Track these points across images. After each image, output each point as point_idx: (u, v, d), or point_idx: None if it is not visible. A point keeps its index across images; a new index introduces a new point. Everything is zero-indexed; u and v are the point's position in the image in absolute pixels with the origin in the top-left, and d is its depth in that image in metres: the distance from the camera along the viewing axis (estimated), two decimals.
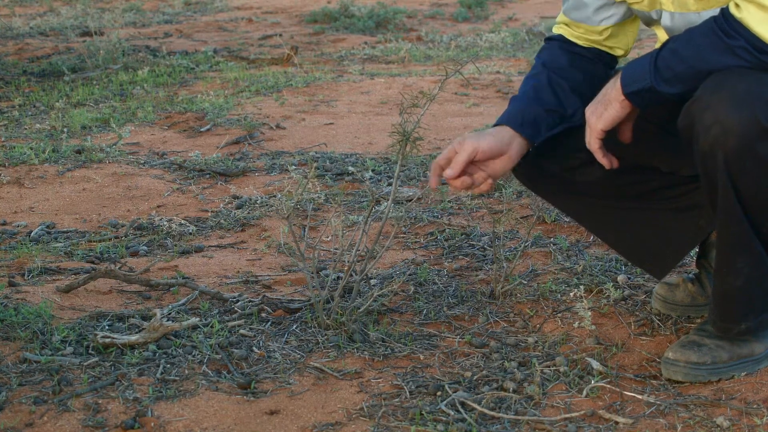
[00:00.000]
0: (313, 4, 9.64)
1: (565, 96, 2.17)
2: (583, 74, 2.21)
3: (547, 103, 2.16)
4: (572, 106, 2.17)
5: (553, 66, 2.20)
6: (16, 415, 1.94)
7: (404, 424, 1.91)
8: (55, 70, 6.08)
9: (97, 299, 2.56)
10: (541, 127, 2.15)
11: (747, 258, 1.96)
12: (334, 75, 5.87)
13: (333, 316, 2.33)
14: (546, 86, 2.18)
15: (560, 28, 2.26)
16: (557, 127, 2.17)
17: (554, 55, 2.23)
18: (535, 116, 2.14)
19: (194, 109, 4.88)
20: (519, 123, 2.13)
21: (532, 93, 2.18)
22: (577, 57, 2.22)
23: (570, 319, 2.38)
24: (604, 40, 2.21)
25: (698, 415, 1.93)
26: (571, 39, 2.23)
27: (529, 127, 2.13)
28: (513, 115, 2.15)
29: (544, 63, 2.22)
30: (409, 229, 3.12)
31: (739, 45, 1.85)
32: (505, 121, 2.14)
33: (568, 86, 2.18)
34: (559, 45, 2.24)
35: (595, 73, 2.21)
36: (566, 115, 2.17)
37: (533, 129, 2.14)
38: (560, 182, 2.25)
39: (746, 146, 1.85)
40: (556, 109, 2.16)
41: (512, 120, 2.14)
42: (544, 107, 2.16)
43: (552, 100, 2.17)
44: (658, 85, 1.91)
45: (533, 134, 2.14)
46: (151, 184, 3.67)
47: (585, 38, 2.22)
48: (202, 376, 2.11)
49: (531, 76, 2.23)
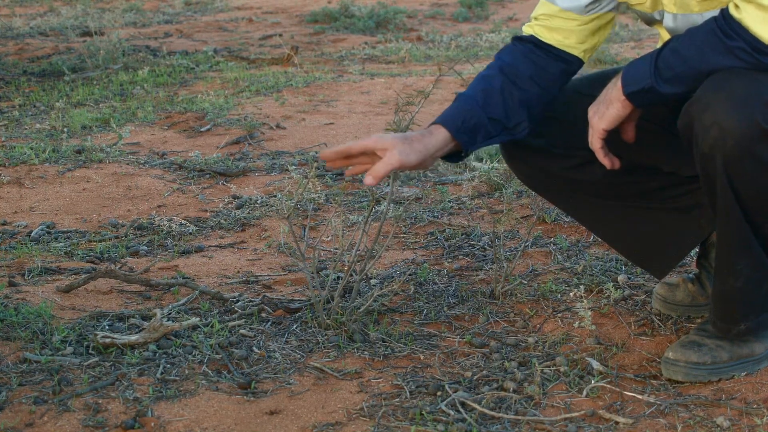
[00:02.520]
0: (313, 4, 9.63)
1: (512, 107, 2.09)
2: (540, 89, 2.12)
3: (493, 112, 2.08)
4: (516, 119, 2.10)
5: (510, 73, 2.11)
6: (16, 415, 1.94)
7: (404, 424, 1.91)
8: (55, 70, 6.08)
9: (97, 299, 2.56)
10: (479, 135, 2.07)
11: (747, 259, 1.96)
12: (334, 75, 5.87)
13: (333, 316, 2.33)
14: (497, 93, 2.09)
15: (533, 28, 2.15)
16: (494, 138, 2.10)
17: (516, 63, 2.13)
18: (476, 123, 2.06)
19: (194, 109, 4.88)
20: (457, 128, 2.04)
21: (481, 97, 2.08)
22: (540, 70, 2.12)
23: (570, 319, 2.38)
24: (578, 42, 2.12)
25: (698, 415, 1.93)
26: (543, 41, 2.12)
27: (466, 133, 2.05)
28: (453, 117, 2.06)
29: (502, 68, 2.12)
30: (409, 229, 3.12)
31: (738, 46, 1.85)
32: (443, 123, 2.04)
33: (518, 97, 2.09)
34: (524, 52, 2.14)
35: (552, 89, 2.13)
36: (508, 126, 2.10)
37: (470, 136, 2.06)
38: (561, 181, 2.25)
39: (745, 148, 1.84)
40: (499, 119, 2.09)
41: (451, 123, 2.05)
42: (488, 115, 2.08)
43: (498, 110, 2.08)
44: (659, 85, 1.91)
45: (468, 142, 2.06)
46: (151, 184, 3.67)
47: (558, 39, 2.12)
48: (203, 376, 2.11)
49: (484, 77, 2.13)
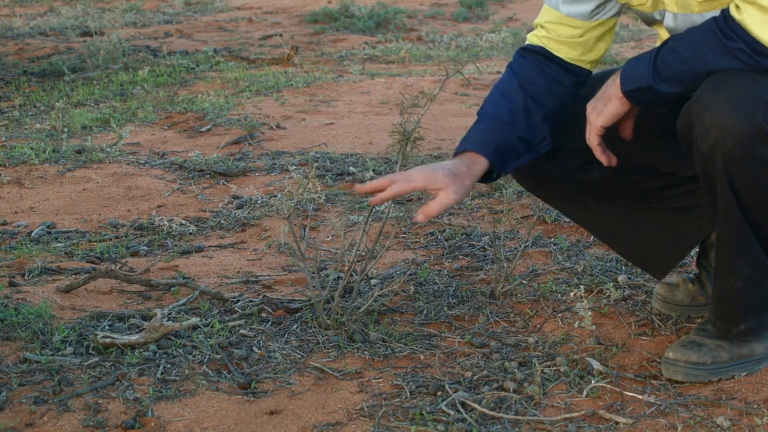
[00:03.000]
0: (313, 4, 9.63)
1: (536, 124, 2.07)
2: (556, 101, 2.11)
3: (520, 131, 2.06)
4: (540, 135, 2.08)
5: (530, 89, 2.09)
6: (16, 415, 1.94)
7: (404, 424, 1.91)
8: (55, 70, 6.08)
9: (97, 299, 2.56)
10: (510, 157, 2.05)
11: (747, 259, 1.96)
12: (334, 75, 5.87)
13: (333, 316, 2.33)
14: (521, 111, 2.07)
15: (542, 39, 2.13)
16: (522, 158, 2.08)
17: (531, 76, 2.11)
18: (507, 144, 2.04)
19: (194, 109, 4.88)
20: (492, 152, 2.01)
21: (507, 117, 2.06)
22: (555, 83, 2.11)
23: (570, 319, 2.38)
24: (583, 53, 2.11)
25: (698, 415, 1.93)
26: (552, 53, 2.11)
27: (500, 156, 2.03)
28: (487, 142, 2.02)
29: (521, 84, 2.10)
30: (410, 229, 3.12)
31: (737, 47, 1.84)
32: (479, 150, 2.01)
33: (541, 113, 2.08)
34: (537, 65, 2.12)
35: (566, 100, 2.12)
36: (533, 143, 2.08)
37: (503, 159, 2.04)
38: (560, 183, 2.25)
39: (745, 149, 1.84)
40: (525, 138, 2.07)
41: (486, 149, 2.01)
42: (516, 135, 2.05)
43: (524, 129, 2.06)
44: (657, 84, 1.91)
45: (502, 165, 2.04)
46: (151, 184, 3.67)
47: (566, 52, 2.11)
48: (203, 376, 2.11)
49: (505, 94, 2.10)
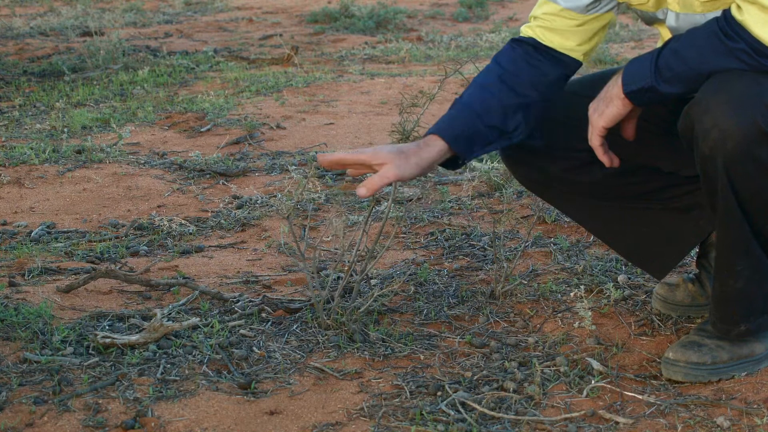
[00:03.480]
0: (313, 4, 9.63)
1: (510, 114, 2.06)
2: (539, 94, 2.09)
3: (490, 120, 2.05)
4: (513, 124, 2.07)
5: (509, 81, 2.07)
6: (16, 415, 1.94)
7: (404, 424, 1.91)
8: (55, 70, 6.08)
9: (97, 299, 2.56)
10: (476, 144, 2.04)
11: (747, 260, 1.96)
12: (334, 75, 5.87)
13: (333, 316, 2.33)
14: (495, 102, 2.06)
15: (534, 29, 2.11)
16: (492, 145, 2.07)
17: (516, 68, 2.09)
18: (473, 132, 2.03)
19: (194, 109, 4.88)
20: (454, 137, 2.01)
21: (479, 106, 2.05)
22: (540, 74, 2.09)
23: (570, 319, 2.38)
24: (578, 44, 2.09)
25: (698, 415, 1.93)
26: (543, 43, 2.09)
27: (463, 143, 2.02)
28: (451, 127, 2.02)
29: (501, 76, 2.08)
30: (410, 229, 3.12)
31: (739, 48, 1.84)
32: (440, 133, 2.01)
33: (516, 103, 2.06)
34: (523, 56, 2.10)
35: (550, 93, 2.10)
36: (506, 131, 2.07)
37: (467, 145, 2.03)
38: (560, 183, 2.25)
39: (746, 150, 1.84)
40: (498, 126, 2.06)
41: (447, 133, 2.01)
42: (485, 123, 2.04)
43: (497, 118, 2.05)
44: (659, 85, 1.91)
45: (466, 151, 2.03)
46: (151, 184, 3.67)
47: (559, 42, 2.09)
48: (203, 376, 2.11)
49: (482, 85, 2.08)
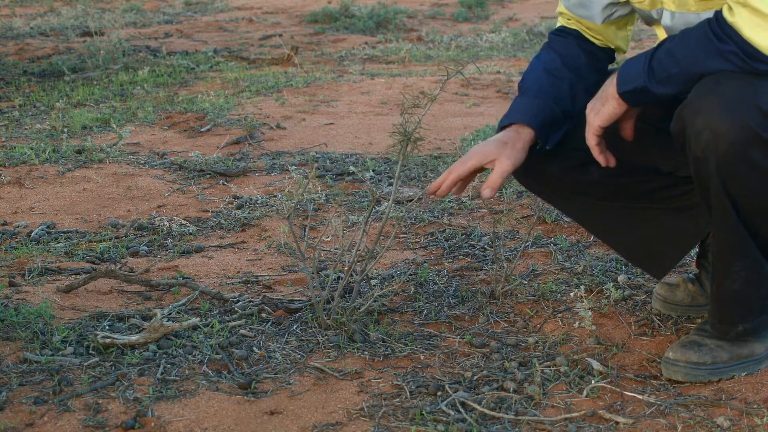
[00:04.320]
0: (313, 4, 9.63)
1: (578, 97, 2.15)
2: (598, 74, 2.19)
3: (564, 105, 2.14)
4: (579, 107, 2.14)
5: (573, 66, 2.19)
6: (16, 415, 1.94)
7: (404, 424, 1.91)
8: (55, 70, 6.08)
9: (97, 299, 2.56)
10: (552, 130, 2.13)
11: (743, 261, 1.96)
12: (334, 75, 5.87)
13: (333, 316, 2.33)
14: (566, 87, 2.15)
15: (572, 23, 2.23)
16: (561, 131, 2.16)
17: (574, 54, 2.21)
18: (552, 118, 2.12)
19: (194, 109, 4.88)
20: (540, 124, 2.10)
21: (552, 92, 2.14)
22: (594, 58, 2.21)
23: (570, 319, 2.38)
24: (611, 39, 2.22)
25: (698, 415, 1.93)
26: (585, 35, 2.22)
27: (546, 130, 2.11)
28: (534, 114, 2.10)
29: (565, 61, 2.19)
30: (410, 229, 3.12)
31: (729, 50, 1.84)
32: (526, 121, 2.09)
33: (583, 87, 2.16)
34: (576, 42, 2.22)
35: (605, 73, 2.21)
36: (571, 115, 2.15)
37: (548, 132, 2.12)
38: (559, 183, 2.25)
39: (738, 151, 1.84)
40: (569, 110, 2.15)
41: (533, 121, 2.09)
42: (561, 108, 2.13)
43: (568, 102, 2.14)
44: (652, 86, 1.91)
45: (546, 138, 2.12)
46: (151, 184, 3.67)
47: (596, 38, 2.22)
48: (203, 376, 2.11)
49: (549, 71, 2.18)
